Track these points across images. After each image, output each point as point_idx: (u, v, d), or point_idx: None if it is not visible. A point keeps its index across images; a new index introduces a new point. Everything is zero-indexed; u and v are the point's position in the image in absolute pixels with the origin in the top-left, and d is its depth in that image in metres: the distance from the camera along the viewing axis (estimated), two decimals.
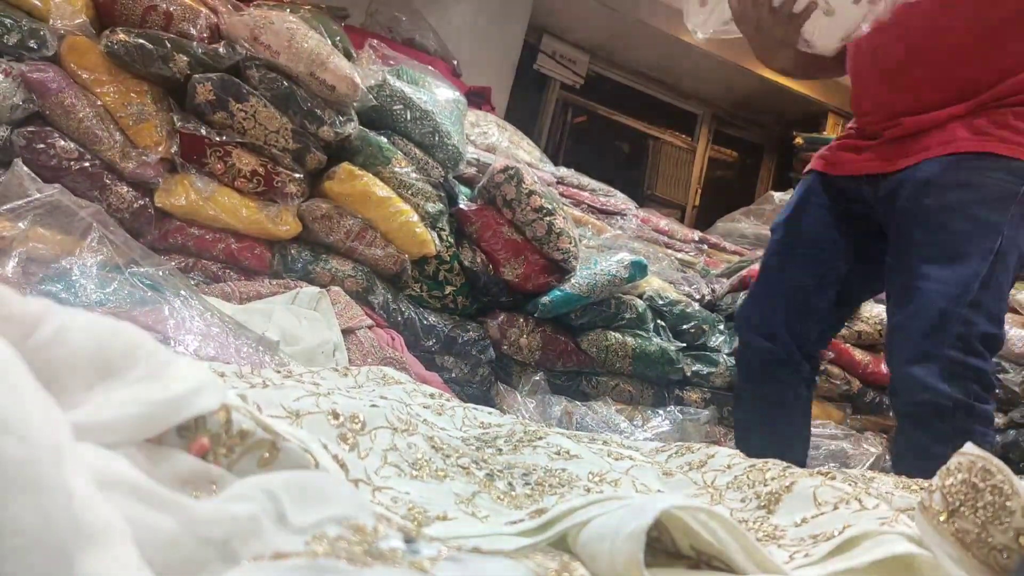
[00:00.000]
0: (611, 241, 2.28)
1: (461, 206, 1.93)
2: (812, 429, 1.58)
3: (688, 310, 2.17)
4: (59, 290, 1.04)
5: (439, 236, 1.85)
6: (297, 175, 1.63)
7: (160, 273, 1.18)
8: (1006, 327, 2.23)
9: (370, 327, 1.58)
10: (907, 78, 1.27)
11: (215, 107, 1.52)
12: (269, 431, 0.42)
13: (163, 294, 1.13)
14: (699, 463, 0.80)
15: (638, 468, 0.77)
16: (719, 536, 0.43)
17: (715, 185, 5.48)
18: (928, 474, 0.55)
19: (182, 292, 1.16)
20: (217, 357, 1.05)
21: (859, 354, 2.27)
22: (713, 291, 2.38)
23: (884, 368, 2.15)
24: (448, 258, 1.89)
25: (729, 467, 0.75)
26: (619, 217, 2.52)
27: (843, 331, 2.21)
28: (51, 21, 1.43)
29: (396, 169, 1.75)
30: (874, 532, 0.48)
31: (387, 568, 0.32)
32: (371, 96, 1.72)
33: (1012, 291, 2.37)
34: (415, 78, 1.95)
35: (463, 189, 1.99)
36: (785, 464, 0.71)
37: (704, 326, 2.19)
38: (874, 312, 2.27)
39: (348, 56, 1.73)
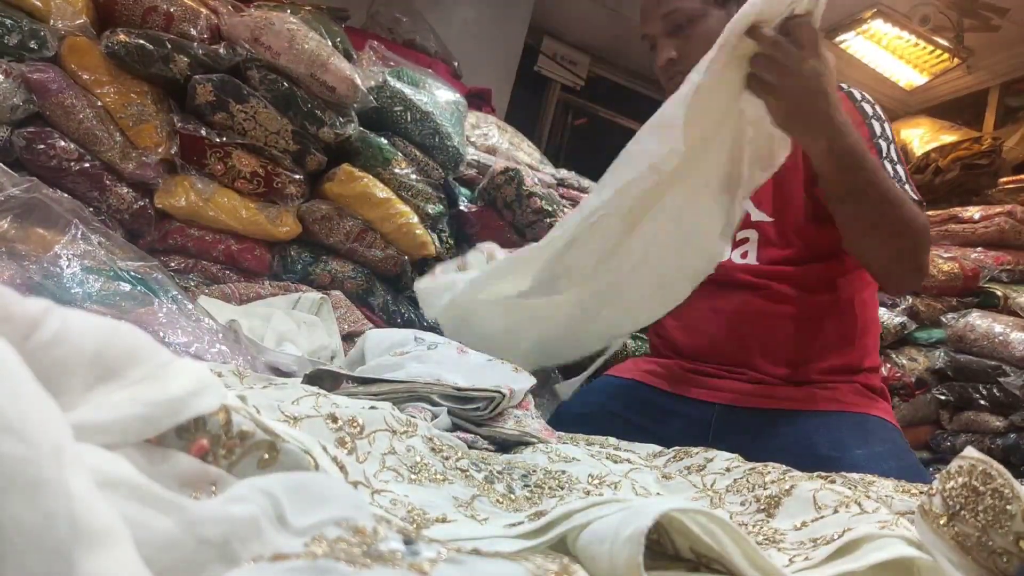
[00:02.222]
0: None
1: (461, 208, 1.93)
2: None
3: None
4: (42, 287, 1.04)
5: (439, 238, 1.85)
6: (297, 176, 1.63)
7: (143, 267, 1.17)
8: (1007, 330, 2.23)
9: None
10: None
11: (215, 108, 1.52)
12: (269, 432, 0.42)
13: (147, 289, 1.13)
14: (698, 467, 0.80)
15: (637, 471, 0.77)
16: (719, 539, 0.43)
17: None
18: None
19: (167, 286, 1.16)
20: (199, 352, 1.05)
21: None
22: None
23: None
24: (448, 260, 1.89)
25: (728, 470, 0.75)
26: None
27: None
28: (51, 22, 1.43)
29: (396, 171, 1.75)
30: (874, 535, 0.47)
31: (386, 569, 0.32)
32: (371, 97, 1.72)
33: (1013, 294, 2.37)
34: (415, 79, 1.95)
35: (463, 191, 1.99)
36: (785, 468, 0.71)
37: None
38: None
39: (348, 57, 1.73)
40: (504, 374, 0.98)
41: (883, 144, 1.21)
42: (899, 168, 1.19)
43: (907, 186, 1.17)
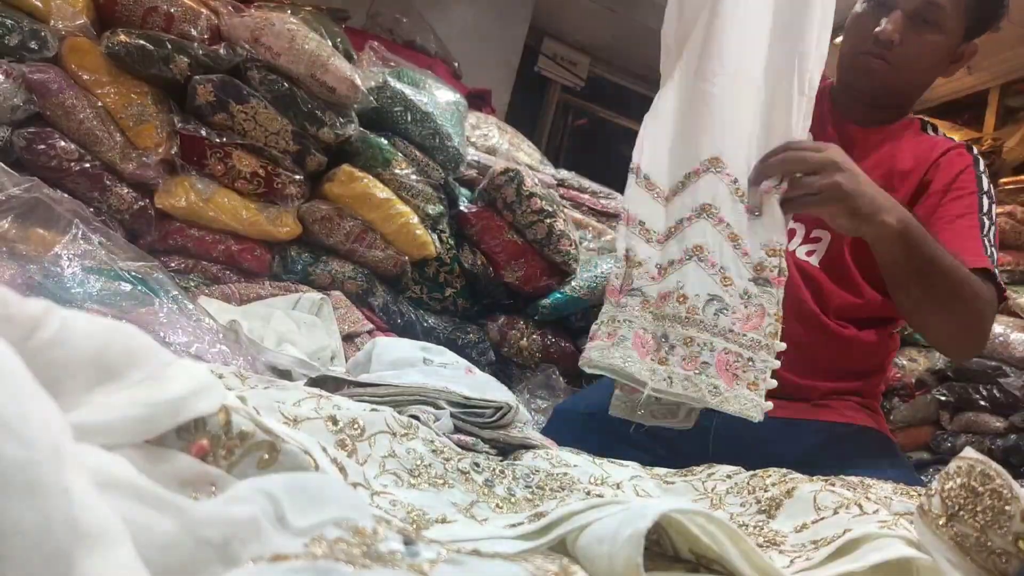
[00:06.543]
0: (612, 243, 2.28)
1: (461, 208, 1.93)
2: None
3: None
4: (42, 287, 1.04)
5: (439, 238, 1.85)
6: (297, 177, 1.63)
7: (144, 267, 1.17)
8: (1007, 331, 2.23)
9: (370, 332, 1.58)
10: None
11: (215, 108, 1.52)
12: (269, 433, 0.42)
13: (147, 288, 1.13)
14: (700, 481, 0.80)
15: (638, 477, 0.77)
16: (718, 540, 0.43)
17: None
18: None
19: (167, 287, 1.16)
20: (200, 353, 1.05)
21: None
22: None
23: None
24: (448, 260, 1.89)
25: (729, 476, 0.75)
26: (620, 220, 2.51)
27: None
28: (52, 22, 1.44)
29: (396, 171, 1.75)
30: (873, 535, 0.47)
31: (386, 570, 0.32)
32: (371, 98, 1.72)
33: (1013, 295, 2.37)
34: (416, 80, 1.95)
35: (464, 191, 1.99)
36: (785, 470, 0.71)
37: None
38: None
39: (348, 58, 1.73)
40: (509, 393, 0.98)
41: (986, 221, 1.19)
42: (993, 251, 1.18)
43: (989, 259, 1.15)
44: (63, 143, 1.42)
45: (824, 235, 1.25)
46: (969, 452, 0.47)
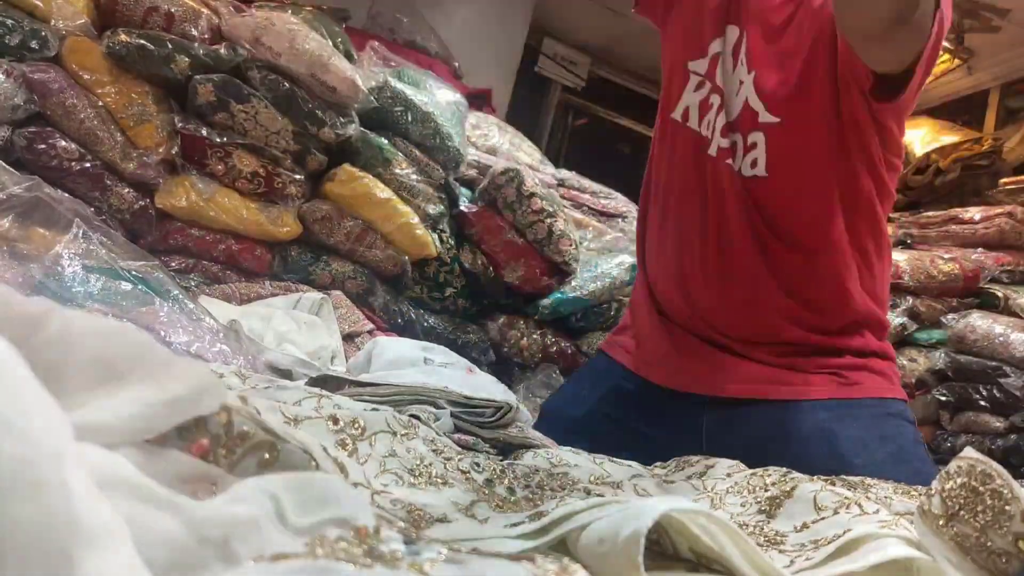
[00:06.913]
0: (612, 244, 2.28)
1: (462, 208, 1.93)
2: None
3: None
4: (43, 286, 1.04)
5: (440, 238, 1.85)
6: (298, 176, 1.63)
7: (144, 266, 1.17)
8: (1007, 330, 2.23)
9: (371, 332, 1.58)
10: None
11: (216, 108, 1.53)
12: (269, 432, 0.42)
13: (148, 288, 1.13)
14: (698, 475, 0.80)
15: (639, 477, 0.77)
16: (719, 540, 0.43)
17: None
18: None
19: (168, 286, 1.16)
20: (200, 352, 1.05)
21: None
22: None
23: None
24: (449, 260, 1.89)
25: (729, 475, 0.75)
26: (620, 220, 2.51)
27: None
28: (52, 22, 1.44)
29: (397, 171, 1.75)
30: (874, 535, 0.47)
31: (387, 570, 0.32)
32: (372, 98, 1.72)
33: (1013, 295, 2.37)
34: (416, 80, 1.95)
35: (464, 191, 1.99)
36: (785, 469, 0.71)
37: None
38: None
39: (349, 58, 1.73)
40: (509, 393, 0.97)
41: None
42: None
43: None
44: (64, 143, 1.42)
45: (759, 137, 1.11)
46: (969, 452, 0.47)
